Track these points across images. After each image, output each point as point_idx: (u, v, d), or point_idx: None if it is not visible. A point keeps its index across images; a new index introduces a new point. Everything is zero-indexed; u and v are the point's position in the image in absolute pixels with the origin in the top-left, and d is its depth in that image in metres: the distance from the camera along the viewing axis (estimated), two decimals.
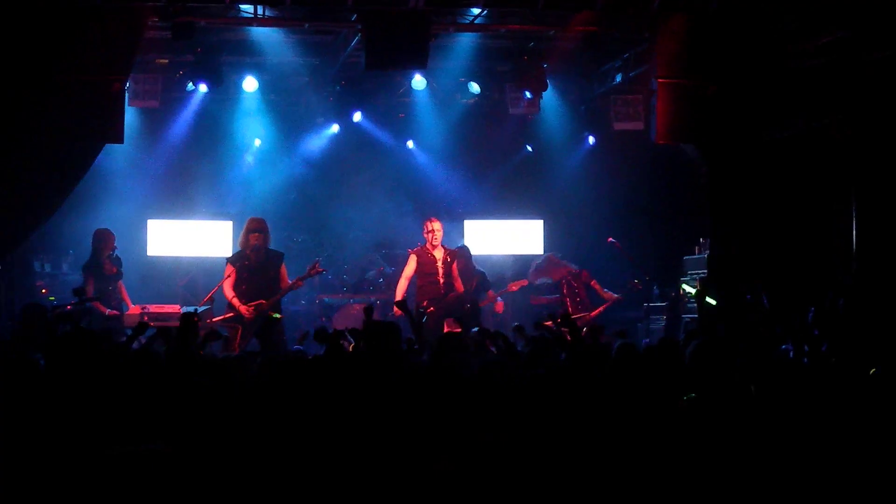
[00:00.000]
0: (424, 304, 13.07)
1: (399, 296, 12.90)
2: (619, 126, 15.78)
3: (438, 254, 13.41)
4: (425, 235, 13.40)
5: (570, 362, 7.59)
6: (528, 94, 15.49)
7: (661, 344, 8.29)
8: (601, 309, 14.32)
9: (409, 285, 13.41)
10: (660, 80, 13.40)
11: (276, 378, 6.35)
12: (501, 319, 14.51)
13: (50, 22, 11.75)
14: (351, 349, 8.28)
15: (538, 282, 14.98)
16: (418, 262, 13.36)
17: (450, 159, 17.21)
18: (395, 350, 7.87)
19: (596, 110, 16.32)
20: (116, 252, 13.55)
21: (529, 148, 17.31)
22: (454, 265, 13.50)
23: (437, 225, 13.49)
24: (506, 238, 16.94)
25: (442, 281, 13.30)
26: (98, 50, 12.07)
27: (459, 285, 13.39)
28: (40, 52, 11.75)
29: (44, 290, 14.35)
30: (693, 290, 13.56)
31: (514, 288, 14.68)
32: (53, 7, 11.69)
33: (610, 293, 14.44)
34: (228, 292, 12.34)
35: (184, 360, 7.37)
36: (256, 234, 12.44)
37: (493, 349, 8.73)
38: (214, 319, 12.37)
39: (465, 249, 14.44)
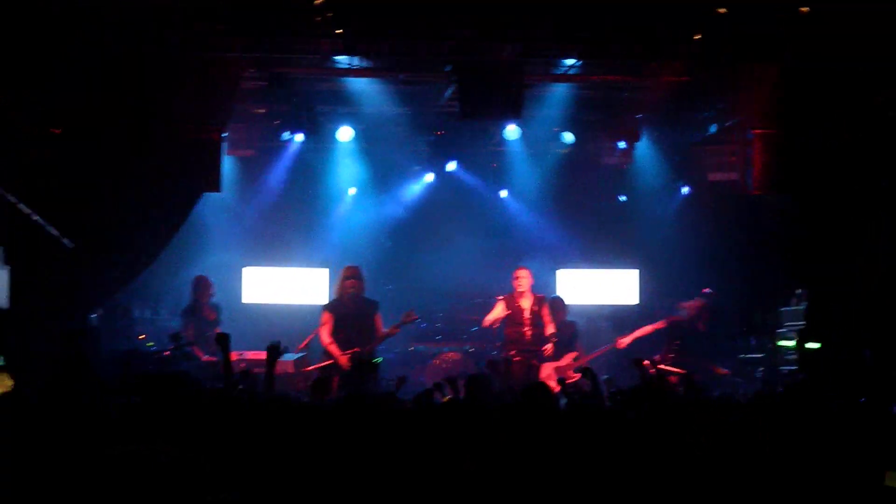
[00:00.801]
0: (512, 353, 13.06)
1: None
2: (713, 177, 15.68)
3: (526, 302, 13.35)
4: (513, 284, 13.38)
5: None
6: (621, 144, 15.47)
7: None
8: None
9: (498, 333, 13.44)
10: (755, 130, 13.32)
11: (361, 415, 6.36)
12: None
13: (149, 74, 11.96)
14: (445, 400, 8.25)
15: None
16: (506, 310, 13.35)
17: (543, 208, 17.19)
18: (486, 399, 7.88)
19: (690, 160, 16.22)
20: (215, 299, 13.73)
21: (623, 198, 17.21)
22: (544, 310, 13.44)
23: (523, 272, 13.42)
24: (600, 288, 16.85)
25: (529, 331, 13.26)
26: (196, 101, 12.29)
27: (550, 329, 13.32)
28: (141, 104, 11.97)
29: (141, 337, 14.54)
30: (792, 344, 13.36)
31: (623, 345, 14.00)
32: (153, 59, 11.89)
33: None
34: (326, 339, 12.40)
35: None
36: (352, 280, 12.52)
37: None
38: (310, 368, 12.46)
39: (558, 300, 14.34)
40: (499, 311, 13.41)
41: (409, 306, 12.96)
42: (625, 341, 13.90)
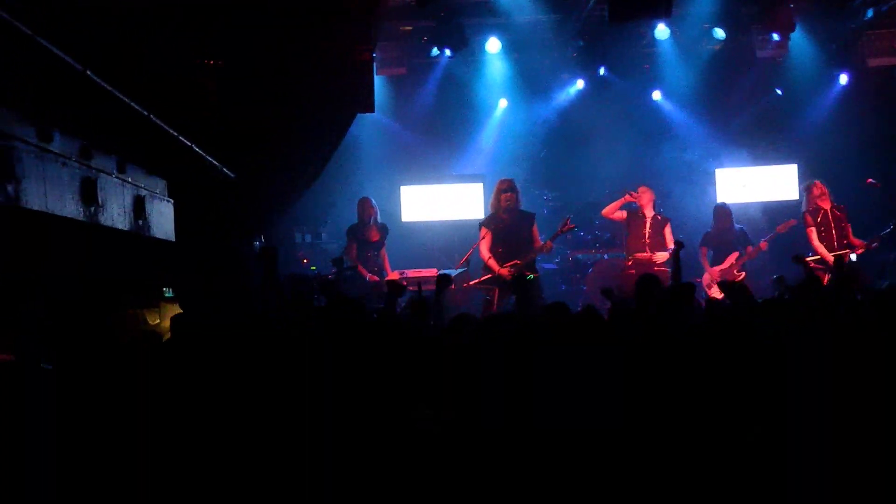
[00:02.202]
0: (629, 263, 13.48)
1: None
2: (873, 62, 15.21)
3: (649, 213, 13.53)
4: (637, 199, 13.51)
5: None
6: (775, 36, 15.07)
7: None
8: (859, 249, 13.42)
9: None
10: None
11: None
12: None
13: None
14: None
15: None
16: (628, 217, 13.62)
17: (697, 108, 16.87)
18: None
19: (848, 48, 15.74)
20: (380, 219, 13.89)
21: (779, 91, 16.76)
22: (666, 228, 13.49)
23: (643, 188, 13.59)
24: (759, 185, 16.51)
25: (649, 241, 13.38)
26: (344, 21, 12.31)
27: (670, 246, 13.29)
28: (293, 29, 12.04)
29: (305, 261, 14.81)
30: None
31: (783, 230, 13.87)
32: None
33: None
34: (485, 254, 12.44)
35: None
36: (508, 194, 12.50)
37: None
38: (471, 283, 12.53)
39: (722, 208, 14.21)
40: (620, 208, 13.60)
41: (567, 215, 12.90)
42: (782, 229, 13.76)
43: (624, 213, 13.60)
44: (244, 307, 10.72)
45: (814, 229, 13.36)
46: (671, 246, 13.20)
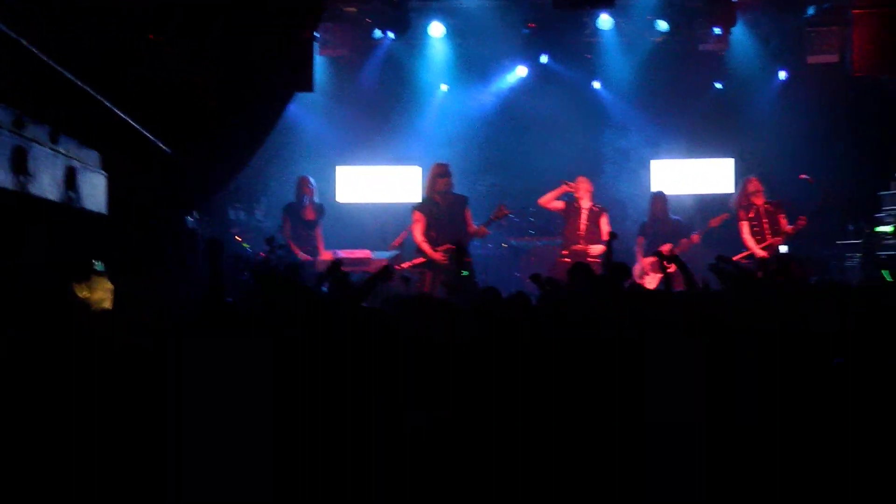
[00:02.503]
0: (564, 252, 13.59)
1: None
2: (812, 59, 15.36)
3: (585, 204, 13.65)
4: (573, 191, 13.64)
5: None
6: (717, 30, 15.19)
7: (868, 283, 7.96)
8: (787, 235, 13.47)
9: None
10: (855, 10, 12.97)
11: None
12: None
13: None
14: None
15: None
16: (564, 206, 13.72)
17: (637, 99, 16.95)
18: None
19: (788, 44, 15.89)
20: (317, 199, 13.88)
21: (719, 85, 16.89)
22: (602, 218, 13.61)
23: (581, 179, 13.75)
24: (695, 178, 16.63)
25: (584, 232, 13.50)
26: (287, 0, 12.25)
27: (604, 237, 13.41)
28: (235, 6, 11.96)
29: (238, 238, 14.74)
30: (890, 229, 13.11)
31: (716, 223, 13.91)
32: None
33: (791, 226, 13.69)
34: (418, 238, 12.48)
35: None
36: (444, 179, 12.55)
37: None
38: (404, 265, 12.54)
39: (660, 195, 14.32)
40: (557, 198, 13.71)
41: (502, 201, 12.95)
42: (715, 222, 13.86)
43: (561, 204, 13.68)
44: (179, 284, 10.69)
45: (746, 223, 13.51)
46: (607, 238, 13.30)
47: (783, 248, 13.28)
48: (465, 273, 11.43)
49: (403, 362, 5.66)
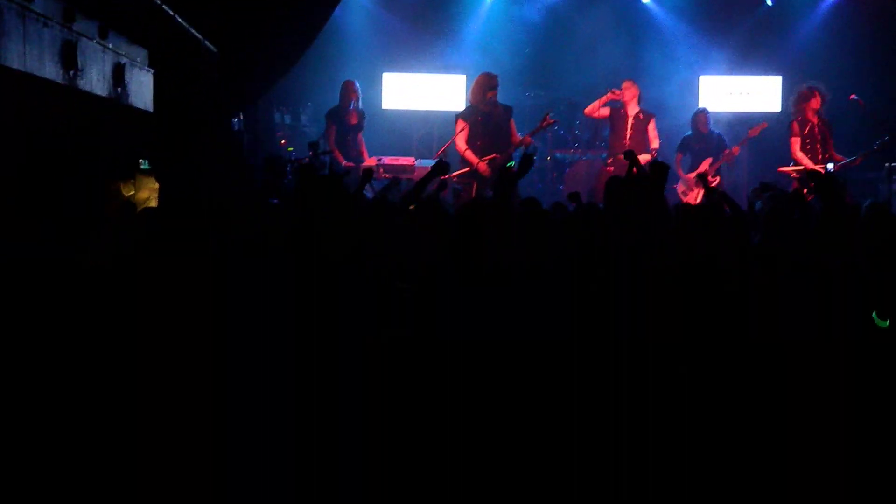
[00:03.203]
0: (609, 161, 13.60)
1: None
2: None
3: (631, 111, 13.56)
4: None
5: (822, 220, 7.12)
6: None
7: None
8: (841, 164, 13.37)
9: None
10: None
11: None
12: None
13: None
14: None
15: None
16: (610, 116, 13.66)
17: (686, 14, 16.70)
18: None
19: None
20: (361, 105, 13.82)
21: (769, 2, 16.62)
22: (650, 124, 13.52)
23: (627, 84, 13.63)
24: (742, 95, 16.42)
25: (630, 141, 13.32)
26: None
27: (654, 143, 13.45)
28: None
29: (283, 142, 14.72)
30: None
31: (755, 133, 13.87)
32: None
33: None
34: (462, 147, 12.42)
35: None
36: (493, 91, 12.46)
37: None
38: (451, 175, 12.50)
39: (702, 112, 14.14)
40: (601, 103, 13.60)
41: (548, 110, 12.85)
42: (754, 132, 13.73)
43: (607, 111, 13.58)
44: (227, 185, 10.70)
45: (798, 139, 13.30)
46: (654, 144, 13.23)
47: (829, 166, 13.10)
48: (511, 164, 11.32)
49: None
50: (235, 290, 5.42)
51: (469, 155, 12.35)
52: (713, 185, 12.22)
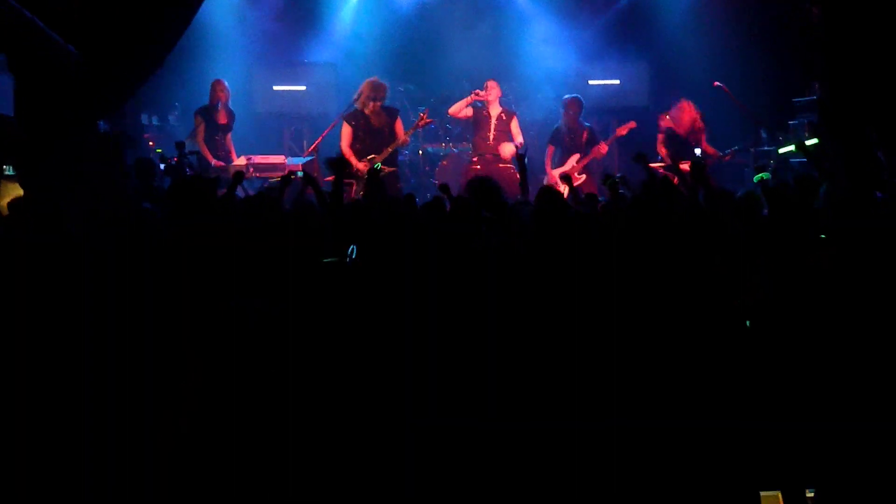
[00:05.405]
0: (474, 159, 13.84)
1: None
2: None
3: (494, 111, 13.84)
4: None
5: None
6: None
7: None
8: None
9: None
10: None
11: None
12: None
13: None
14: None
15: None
16: (474, 114, 13.91)
17: (553, 6, 16.83)
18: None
19: None
20: (230, 104, 13.73)
21: None
22: (512, 122, 13.80)
23: (491, 83, 13.90)
24: (608, 86, 16.63)
25: (493, 139, 13.71)
26: None
27: (517, 139, 13.69)
28: None
29: (151, 143, 14.54)
30: (792, 148, 13.18)
31: (623, 132, 13.93)
32: None
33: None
34: (345, 149, 12.61)
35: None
36: (377, 100, 12.76)
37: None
38: (328, 179, 12.48)
39: (574, 100, 14.22)
40: (465, 104, 13.85)
41: (423, 108, 12.93)
42: (622, 130, 13.88)
43: (471, 111, 13.75)
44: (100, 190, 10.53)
45: (665, 136, 13.60)
46: (518, 140, 13.37)
47: (697, 151, 13.38)
48: (377, 166, 11.43)
49: None
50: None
51: (350, 156, 12.50)
52: (577, 183, 12.38)
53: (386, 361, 5.77)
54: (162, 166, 12.25)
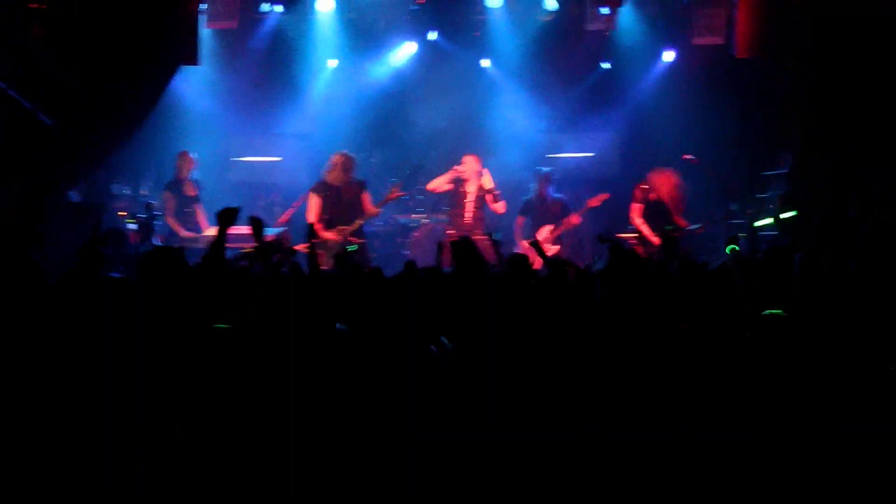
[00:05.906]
0: (451, 232, 13.62)
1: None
2: (698, 41, 15.44)
3: (471, 187, 13.81)
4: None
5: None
6: (604, 10, 15.25)
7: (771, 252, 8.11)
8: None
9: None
10: None
11: None
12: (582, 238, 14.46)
13: None
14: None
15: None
16: (452, 188, 13.90)
17: (525, 78, 16.93)
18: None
19: (675, 25, 15.96)
20: (197, 174, 13.72)
21: (606, 65, 16.94)
22: (488, 198, 13.76)
23: (467, 158, 13.88)
24: (583, 159, 16.71)
25: (470, 215, 13.77)
26: None
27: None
28: None
29: (121, 213, 14.48)
30: (770, 222, 13.27)
31: (596, 203, 13.98)
32: None
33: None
34: (313, 219, 12.64)
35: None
36: (347, 174, 12.86)
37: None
38: (297, 247, 12.44)
39: (544, 174, 14.27)
40: (446, 181, 13.87)
41: (395, 180, 12.95)
42: (594, 202, 13.89)
43: (450, 186, 13.75)
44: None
45: (639, 206, 13.56)
46: (500, 212, 13.42)
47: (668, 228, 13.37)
48: (353, 248, 11.47)
49: None
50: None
51: (317, 227, 12.52)
52: (551, 253, 12.39)
53: (387, 375, 5.87)
54: (135, 226, 12.28)
